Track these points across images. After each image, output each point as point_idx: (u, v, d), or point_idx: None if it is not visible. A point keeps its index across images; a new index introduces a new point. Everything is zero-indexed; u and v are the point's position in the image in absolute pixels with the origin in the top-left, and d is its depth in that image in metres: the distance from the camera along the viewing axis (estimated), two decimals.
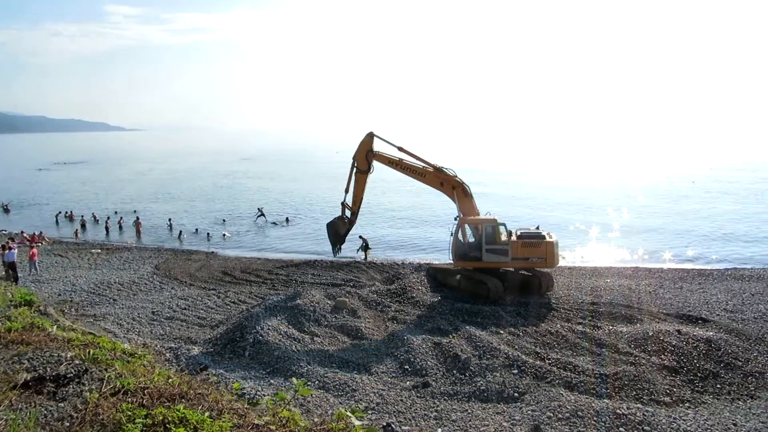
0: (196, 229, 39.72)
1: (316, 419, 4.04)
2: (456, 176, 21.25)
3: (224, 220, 44.03)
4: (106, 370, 5.54)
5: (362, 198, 22.38)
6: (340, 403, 12.13)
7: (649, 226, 39.89)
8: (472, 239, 21.25)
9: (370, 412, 12.12)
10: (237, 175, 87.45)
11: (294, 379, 5.32)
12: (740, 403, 13.30)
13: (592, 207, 49.27)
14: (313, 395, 12.46)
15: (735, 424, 11.91)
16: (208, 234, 38.47)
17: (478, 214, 21.27)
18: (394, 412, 12.21)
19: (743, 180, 68.43)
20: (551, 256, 19.78)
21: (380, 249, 32.42)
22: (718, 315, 18.95)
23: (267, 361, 14.73)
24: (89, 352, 6.11)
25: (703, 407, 12.87)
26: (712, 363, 14.98)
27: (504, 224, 20.74)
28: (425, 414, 12.17)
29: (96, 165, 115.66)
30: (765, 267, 27.69)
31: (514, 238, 20.47)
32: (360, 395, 12.87)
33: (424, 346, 15.45)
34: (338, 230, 22.79)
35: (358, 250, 29.83)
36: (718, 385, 14.10)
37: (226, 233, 38.55)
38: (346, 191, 22.34)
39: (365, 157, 21.49)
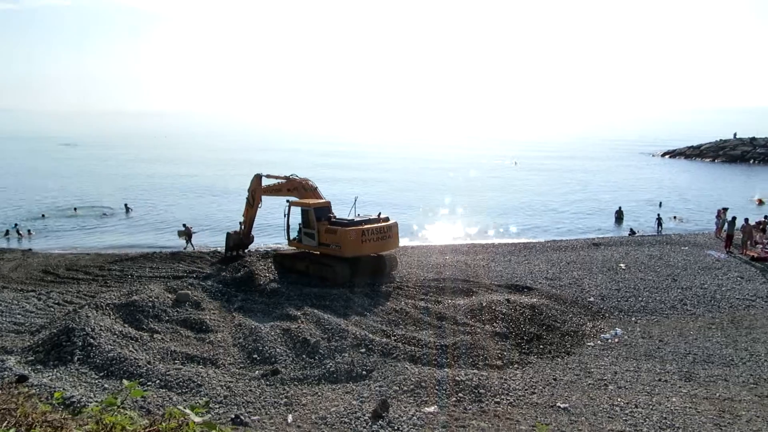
0: (7, 231, 34.06)
1: (145, 421, 3.76)
2: (297, 179, 22.43)
3: (43, 215, 39.02)
4: None
5: (250, 223, 24.49)
6: (185, 400, 11.58)
7: (482, 206, 43.10)
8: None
9: (217, 405, 11.73)
10: (61, 159, 78.71)
11: (125, 381, 4.91)
12: (559, 359, 14.98)
13: (431, 188, 51.98)
14: (154, 395, 11.74)
15: (555, 379, 13.39)
16: (18, 230, 33.65)
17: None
18: (243, 403, 11.94)
19: (556, 161, 76.56)
20: (346, 243, 19.52)
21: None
22: (541, 283, 21.08)
23: (100, 364, 13.55)
24: None
25: (529, 366, 14.30)
26: (536, 326, 16.67)
27: (327, 207, 20.97)
28: (275, 401, 12.07)
29: None
30: (577, 238, 31.33)
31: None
32: (206, 390, 12.38)
33: (272, 333, 15.26)
34: (229, 241, 24.50)
35: (182, 238, 29.13)
36: (541, 346, 15.75)
37: (31, 230, 34.11)
38: (243, 215, 24.63)
39: (251, 194, 23.90)
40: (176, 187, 52.34)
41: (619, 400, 11.83)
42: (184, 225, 30.29)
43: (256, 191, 23.70)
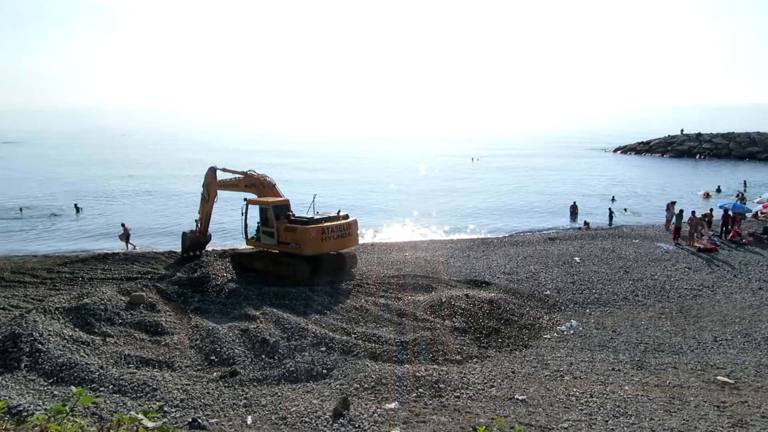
0: None
1: (94, 429, 3.62)
2: (255, 175, 22.14)
3: None
4: None
5: (206, 220, 23.91)
6: (139, 405, 11.27)
7: (441, 202, 43.47)
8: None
9: (173, 409, 11.47)
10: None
11: (73, 388, 4.74)
12: (517, 352, 15.24)
13: (391, 185, 52.09)
14: (107, 401, 11.40)
15: (513, 372, 13.62)
16: None
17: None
18: (200, 406, 11.71)
19: (513, 158, 77.82)
20: (306, 241, 19.34)
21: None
22: (498, 278, 21.39)
23: (49, 370, 13.06)
24: None
25: (488, 360, 14.50)
26: (494, 320, 16.91)
27: (285, 205, 20.77)
28: (234, 403, 11.88)
29: None
30: (534, 233, 31.94)
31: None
32: (162, 394, 12.09)
33: (230, 334, 15.02)
34: (186, 241, 23.96)
35: (122, 239, 28.38)
36: (500, 339, 15.99)
37: None
38: (199, 212, 24.25)
39: (206, 188, 23.39)
40: (130, 187, 50.91)
41: (574, 390, 12.10)
42: (122, 225, 29.48)
43: (211, 185, 23.21)
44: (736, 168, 62.09)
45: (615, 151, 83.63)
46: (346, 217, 20.87)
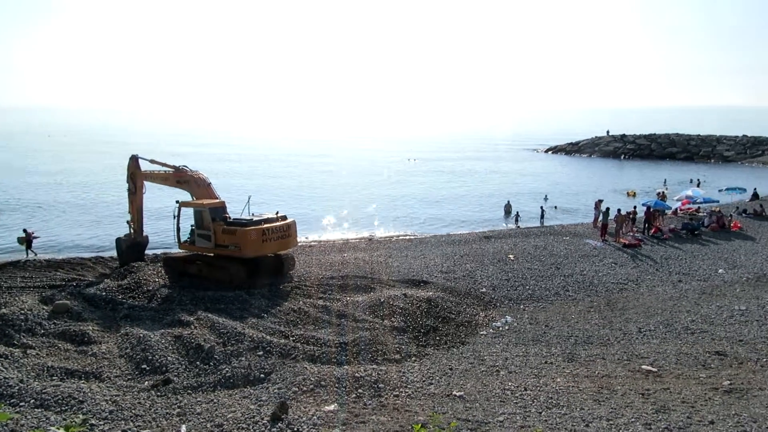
0: None
1: None
2: (189, 171, 21.24)
3: None
4: None
5: (139, 216, 22.63)
6: (63, 419, 10.68)
7: (379, 203, 43.66)
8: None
9: (102, 422, 10.93)
10: None
11: None
12: (455, 349, 15.49)
13: (329, 186, 51.88)
14: (28, 416, 10.75)
15: (451, 368, 13.83)
16: None
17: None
18: (131, 417, 11.22)
19: (449, 158, 79.21)
20: (246, 243, 18.95)
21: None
22: (436, 277, 21.68)
23: None
24: None
25: (426, 358, 14.65)
26: (432, 319, 17.13)
27: (222, 207, 20.32)
28: (167, 413, 11.45)
29: None
30: (470, 232, 32.59)
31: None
32: (89, 406, 11.50)
33: (163, 341, 14.50)
34: (121, 246, 22.65)
35: (22, 244, 26.47)
36: (438, 337, 16.21)
37: None
38: (128, 212, 22.77)
39: (131, 179, 22.16)
40: (51, 189, 48.31)
41: (509, 384, 12.42)
42: (24, 230, 27.30)
43: (136, 175, 21.99)
44: (657, 167, 65.62)
45: (546, 151, 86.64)
46: (285, 218, 20.60)
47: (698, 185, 47.06)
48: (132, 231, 22.75)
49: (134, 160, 22.10)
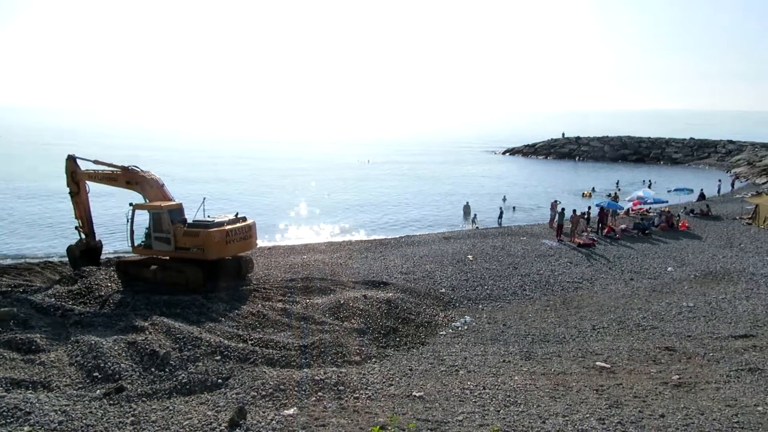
0: None
1: None
2: (140, 172, 20.58)
3: None
4: None
5: (88, 218, 21.74)
6: (9, 431, 10.25)
7: (338, 205, 43.58)
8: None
9: None
10: None
11: None
12: (414, 350, 15.56)
13: (287, 188, 51.43)
14: None
15: (411, 369, 13.89)
16: None
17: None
18: (81, 427, 10.83)
19: (408, 160, 79.67)
20: (210, 245, 18.68)
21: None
22: (396, 278, 21.74)
23: None
24: None
25: (387, 359, 14.68)
26: (392, 320, 17.17)
27: (180, 209, 19.92)
28: (120, 422, 11.11)
29: None
30: (429, 233, 32.83)
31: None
32: (37, 417, 11.04)
33: (116, 347, 14.07)
34: (74, 253, 21.66)
35: None
36: (398, 338, 16.25)
37: None
38: (75, 217, 21.78)
39: (72, 180, 21.22)
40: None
41: (469, 383, 12.54)
42: None
43: (77, 175, 21.08)
44: (610, 169, 67.53)
45: (504, 153, 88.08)
46: (245, 219, 20.36)
47: (650, 186, 48.63)
48: (82, 236, 21.87)
49: (72, 160, 21.18)
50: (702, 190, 45.52)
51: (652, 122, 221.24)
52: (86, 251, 21.71)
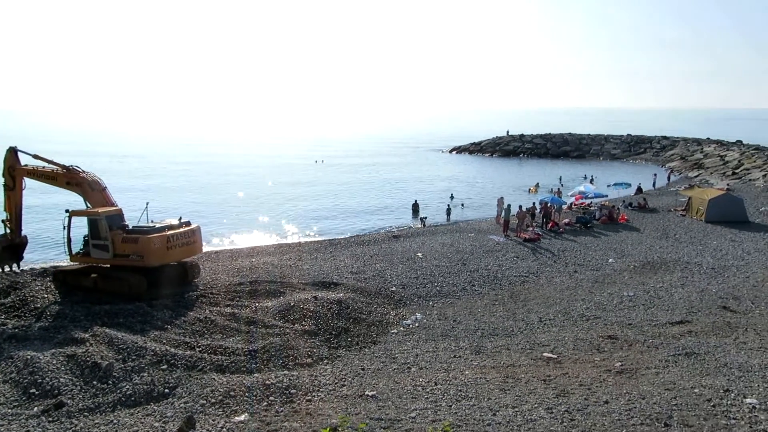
0: None
1: None
2: (81, 172, 19.71)
3: None
4: None
5: (17, 214, 20.58)
6: None
7: (287, 205, 43.09)
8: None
9: None
10: None
11: None
12: (366, 350, 15.55)
13: (235, 190, 50.45)
14: None
15: (363, 369, 13.87)
16: None
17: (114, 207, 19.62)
18: None
19: (357, 159, 79.65)
20: (150, 252, 18.09)
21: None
22: (347, 278, 21.67)
23: None
24: None
25: (338, 360, 14.61)
26: (344, 320, 17.11)
27: (119, 214, 19.26)
28: None
29: None
30: (379, 231, 32.91)
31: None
32: None
33: (54, 361, 13.44)
34: None
35: None
36: (349, 339, 16.21)
37: None
38: (5, 209, 20.75)
39: (8, 174, 20.17)
40: None
41: (421, 380, 12.62)
42: None
43: (15, 170, 20.09)
44: (553, 165, 69.46)
45: (451, 151, 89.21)
46: (189, 224, 19.83)
47: (591, 182, 50.30)
48: (8, 231, 20.72)
49: (13, 152, 20.18)
50: (639, 184, 47.45)
51: (594, 119, 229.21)
52: (9, 247, 20.60)
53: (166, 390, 12.52)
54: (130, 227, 19.01)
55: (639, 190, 46.01)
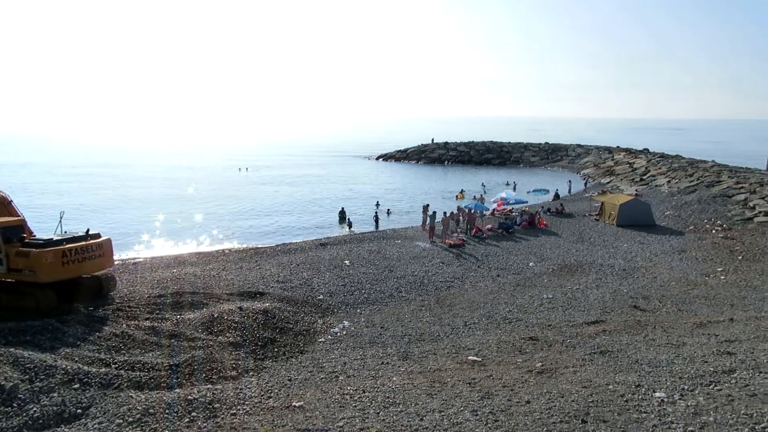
0: None
1: None
2: None
3: None
4: None
5: None
6: None
7: (211, 213, 41.89)
8: None
9: None
10: None
11: None
12: (293, 360, 15.30)
13: (154, 198, 48.56)
14: None
15: (290, 379, 13.63)
16: None
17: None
18: None
19: (283, 167, 78.75)
20: (42, 267, 16.92)
21: None
22: (273, 287, 21.29)
23: None
24: None
25: (265, 372, 14.29)
26: (270, 330, 16.76)
27: (19, 226, 18.05)
28: None
29: None
30: (305, 239, 32.58)
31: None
32: None
33: None
34: None
35: None
36: (276, 349, 15.89)
37: None
38: None
39: None
40: None
41: (348, 388, 12.56)
42: None
43: None
44: (476, 172, 71.44)
45: (377, 158, 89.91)
46: (97, 236, 18.78)
47: (514, 188, 52.11)
48: None
49: None
50: (557, 190, 49.68)
51: (519, 128, 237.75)
52: None
53: (79, 410, 11.78)
54: (30, 240, 17.80)
55: (556, 196, 48.16)
